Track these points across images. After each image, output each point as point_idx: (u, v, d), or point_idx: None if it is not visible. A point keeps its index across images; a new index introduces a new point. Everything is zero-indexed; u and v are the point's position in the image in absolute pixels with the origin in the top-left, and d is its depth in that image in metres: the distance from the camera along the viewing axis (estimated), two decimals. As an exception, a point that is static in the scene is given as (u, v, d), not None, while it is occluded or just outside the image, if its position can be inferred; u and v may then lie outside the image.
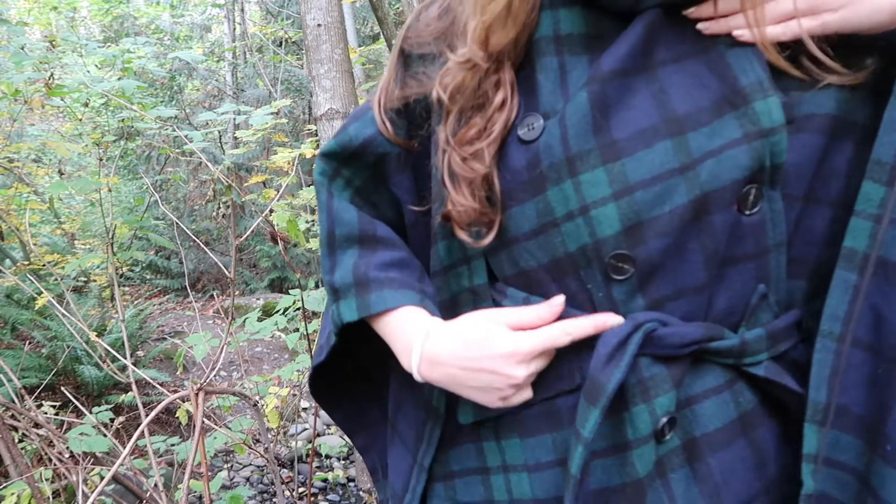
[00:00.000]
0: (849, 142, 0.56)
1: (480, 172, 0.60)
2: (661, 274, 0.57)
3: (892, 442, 0.53)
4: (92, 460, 1.96)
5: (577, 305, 0.61)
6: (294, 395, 4.34)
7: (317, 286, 7.01)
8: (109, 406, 2.52)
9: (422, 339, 0.64)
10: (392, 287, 0.68)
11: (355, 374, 0.85)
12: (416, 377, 0.65)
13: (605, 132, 0.56)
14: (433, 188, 0.66)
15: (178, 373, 4.66)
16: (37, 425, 1.88)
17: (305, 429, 4.63)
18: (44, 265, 3.93)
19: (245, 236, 1.63)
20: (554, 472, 0.62)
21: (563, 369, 0.62)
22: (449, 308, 0.69)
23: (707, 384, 0.59)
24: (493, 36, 0.59)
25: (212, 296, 7.22)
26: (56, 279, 3.85)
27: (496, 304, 0.66)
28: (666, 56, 0.56)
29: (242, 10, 9.34)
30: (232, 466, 4.05)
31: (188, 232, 2.24)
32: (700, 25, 0.56)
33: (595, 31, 0.58)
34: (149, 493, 1.81)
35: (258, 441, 4.08)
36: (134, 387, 1.75)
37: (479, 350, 0.60)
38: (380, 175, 0.74)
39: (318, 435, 4.43)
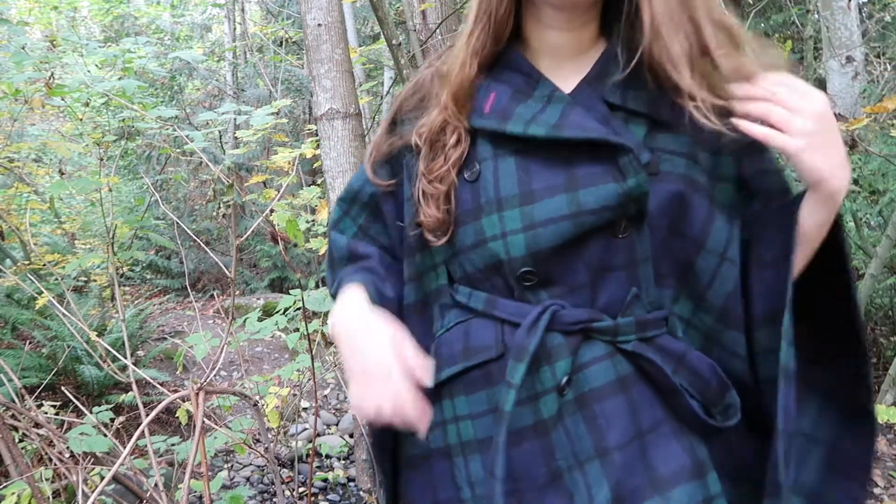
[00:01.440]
0: (699, 195, 0.83)
1: (442, 190, 0.86)
2: (555, 279, 0.84)
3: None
4: (92, 460, 1.95)
5: (505, 295, 0.87)
6: (294, 394, 4.34)
7: (317, 286, 7.00)
8: (110, 406, 2.52)
9: (339, 304, 0.90)
10: (353, 275, 0.95)
11: None
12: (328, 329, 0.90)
13: (525, 184, 0.82)
14: (407, 211, 0.93)
15: (178, 372, 4.66)
16: (37, 425, 1.88)
17: (305, 429, 4.62)
18: (44, 265, 3.93)
19: (245, 236, 1.63)
20: (489, 418, 0.85)
21: (491, 343, 0.86)
22: (421, 304, 0.95)
23: (594, 354, 0.83)
24: (456, 102, 0.87)
25: (212, 295, 7.22)
26: (56, 279, 3.85)
27: (452, 299, 0.92)
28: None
29: (243, 9, 9.34)
30: (232, 466, 4.05)
31: (188, 232, 2.24)
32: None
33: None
34: (149, 493, 1.81)
35: (258, 441, 4.08)
36: (134, 386, 1.75)
37: (353, 342, 0.85)
38: (376, 210, 1.00)
39: (319, 435, 4.43)
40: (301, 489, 3.56)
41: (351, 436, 4.46)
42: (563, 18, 0.85)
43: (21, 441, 2.26)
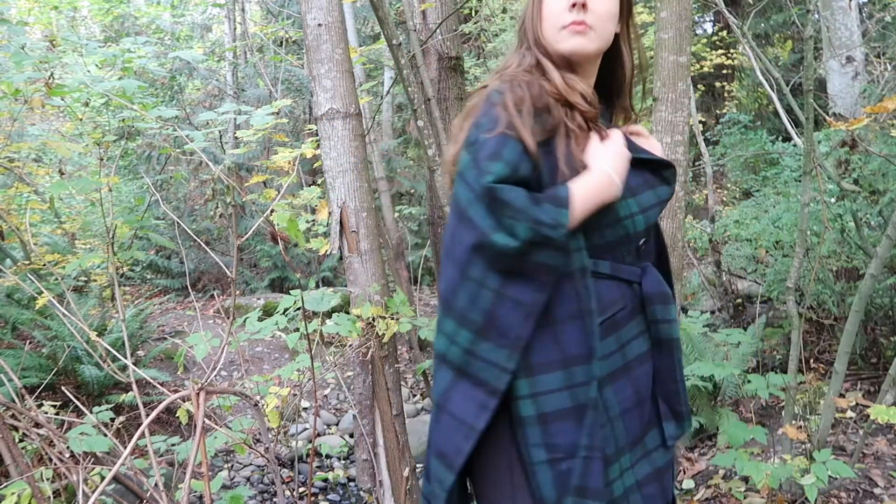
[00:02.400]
0: None
1: (580, 169, 1.11)
2: (646, 248, 1.22)
3: None
4: (92, 460, 1.95)
5: (622, 262, 1.16)
6: (294, 394, 4.34)
7: (317, 286, 7.00)
8: (110, 406, 2.52)
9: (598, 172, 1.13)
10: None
11: None
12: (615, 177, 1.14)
13: (626, 183, 1.14)
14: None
15: (178, 372, 4.66)
16: (37, 425, 1.88)
17: (306, 429, 4.63)
18: (44, 265, 3.93)
19: (246, 236, 1.63)
20: (615, 357, 1.14)
21: (618, 298, 1.15)
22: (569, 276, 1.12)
23: (666, 314, 1.22)
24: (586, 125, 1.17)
25: (212, 295, 7.22)
26: (56, 279, 3.85)
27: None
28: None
29: (243, 9, 9.34)
30: (232, 466, 4.05)
31: (189, 231, 2.24)
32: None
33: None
34: (149, 493, 1.81)
35: (259, 441, 4.08)
36: (134, 386, 1.75)
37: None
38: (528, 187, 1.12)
39: (319, 435, 4.43)
40: (301, 489, 3.56)
41: (351, 436, 4.46)
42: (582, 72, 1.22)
43: (21, 441, 2.26)
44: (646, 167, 1.19)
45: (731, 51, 9.11)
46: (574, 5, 1.12)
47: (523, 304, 1.05)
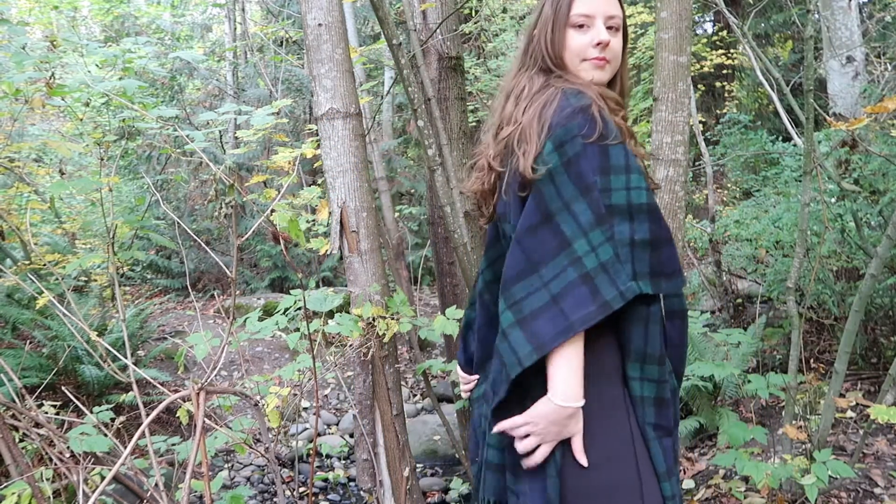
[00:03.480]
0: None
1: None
2: None
3: None
4: (92, 460, 1.95)
5: None
6: (295, 394, 4.34)
7: (317, 286, 7.00)
8: (110, 406, 2.52)
9: None
10: None
11: None
12: None
13: None
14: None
15: (178, 372, 4.66)
16: (37, 425, 1.88)
17: (306, 428, 4.63)
18: (44, 265, 3.93)
19: (246, 236, 1.63)
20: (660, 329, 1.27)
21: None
22: None
23: None
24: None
25: (212, 295, 7.22)
26: (57, 279, 3.85)
27: None
28: None
29: (243, 9, 9.34)
30: (233, 466, 4.05)
31: (189, 231, 2.24)
32: None
33: None
34: (149, 493, 1.81)
35: (259, 441, 4.08)
36: (135, 386, 1.75)
37: None
38: None
39: (319, 435, 4.43)
40: (301, 489, 3.56)
41: (351, 436, 4.46)
42: None
43: (21, 441, 2.26)
44: None
45: (732, 51, 9.10)
46: (599, 44, 1.29)
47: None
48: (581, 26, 1.29)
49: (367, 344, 2.40)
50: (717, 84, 10.12)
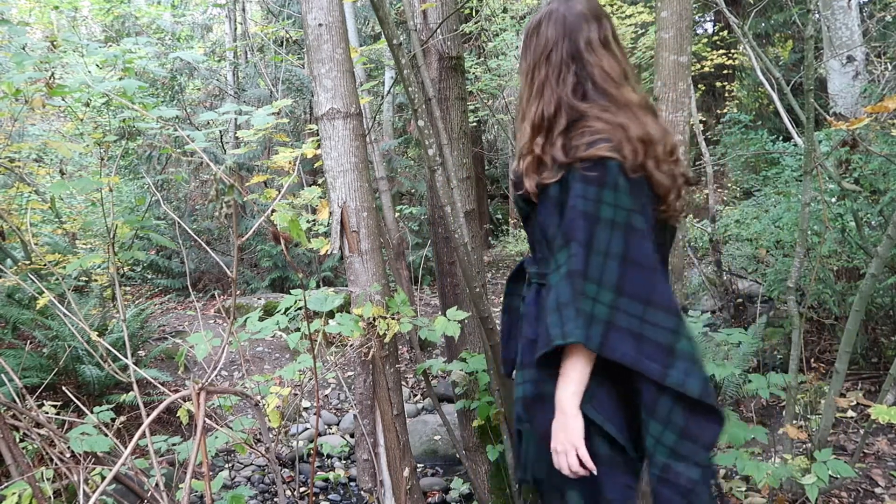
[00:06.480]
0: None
1: None
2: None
3: None
4: (93, 460, 1.96)
5: None
6: (295, 394, 4.34)
7: (318, 286, 7.00)
8: (110, 406, 2.52)
9: None
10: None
11: None
12: None
13: None
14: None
15: (179, 372, 4.66)
16: (38, 425, 1.88)
17: (307, 428, 4.63)
18: (45, 265, 3.93)
19: (247, 236, 1.63)
20: None
21: None
22: None
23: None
24: None
25: (213, 295, 7.22)
26: (57, 279, 3.85)
27: None
28: None
29: (244, 9, 9.33)
30: (233, 466, 4.05)
31: (189, 231, 2.24)
32: None
33: None
34: (150, 493, 1.81)
35: (259, 441, 4.08)
36: (135, 386, 1.75)
37: None
38: None
39: (320, 434, 4.43)
40: (302, 489, 3.56)
41: (352, 435, 4.46)
42: None
43: (22, 441, 2.26)
44: None
45: (732, 50, 9.10)
46: None
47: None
48: None
49: (368, 344, 2.40)
50: (718, 84, 10.12)
